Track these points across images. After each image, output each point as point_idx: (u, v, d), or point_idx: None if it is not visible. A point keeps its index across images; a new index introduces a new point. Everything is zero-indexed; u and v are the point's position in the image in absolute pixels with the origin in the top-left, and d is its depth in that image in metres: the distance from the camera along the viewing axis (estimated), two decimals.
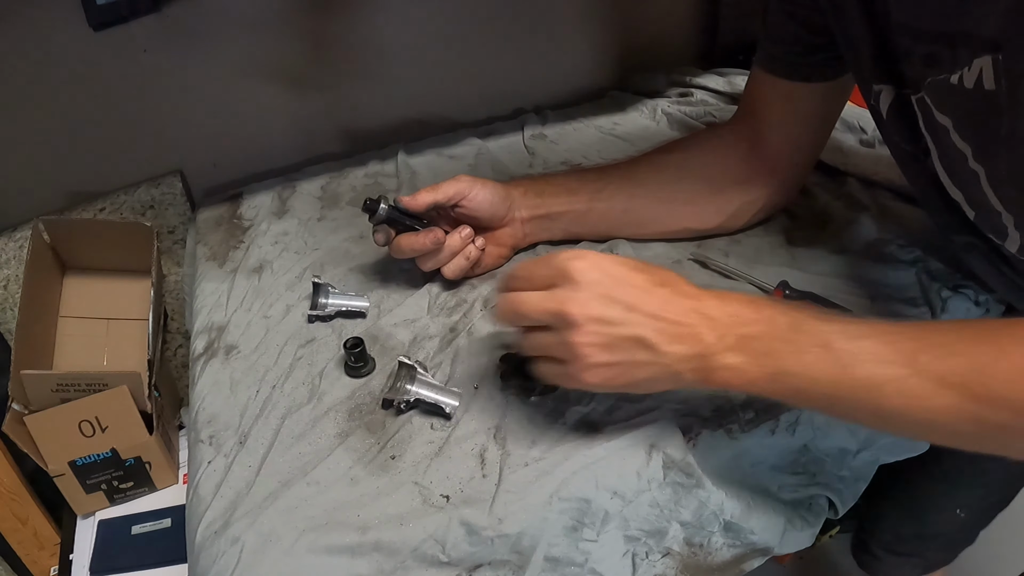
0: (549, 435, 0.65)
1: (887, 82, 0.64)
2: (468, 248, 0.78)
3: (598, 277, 0.54)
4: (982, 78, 0.51)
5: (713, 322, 0.53)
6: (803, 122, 0.79)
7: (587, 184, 0.82)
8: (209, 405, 0.72)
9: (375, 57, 1.06)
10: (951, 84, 0.55)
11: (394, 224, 0.76)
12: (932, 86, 0.57)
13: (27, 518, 1.05)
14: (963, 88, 0.53)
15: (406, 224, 0.76)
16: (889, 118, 0.66)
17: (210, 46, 0.95)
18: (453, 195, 0.75)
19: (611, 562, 0.65)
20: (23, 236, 0.97)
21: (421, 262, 0.79)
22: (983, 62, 0.51)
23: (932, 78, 0.56)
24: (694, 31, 1.27)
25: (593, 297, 0.53)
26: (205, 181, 1.06)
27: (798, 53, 0.74)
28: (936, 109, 0.58)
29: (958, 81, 0.54)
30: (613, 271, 0.55)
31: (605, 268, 0.55)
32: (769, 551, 0.71)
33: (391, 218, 0.75)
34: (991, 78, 0.51)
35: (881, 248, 0.84)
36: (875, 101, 0.67)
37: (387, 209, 0.74)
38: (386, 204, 0.74)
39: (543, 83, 1.20)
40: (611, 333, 0.53)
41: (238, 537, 0.59)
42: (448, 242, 0.77)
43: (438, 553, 0.59)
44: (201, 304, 0.85)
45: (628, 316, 0.53)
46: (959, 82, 0.54)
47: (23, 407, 0.87)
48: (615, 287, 0.54)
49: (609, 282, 0.54)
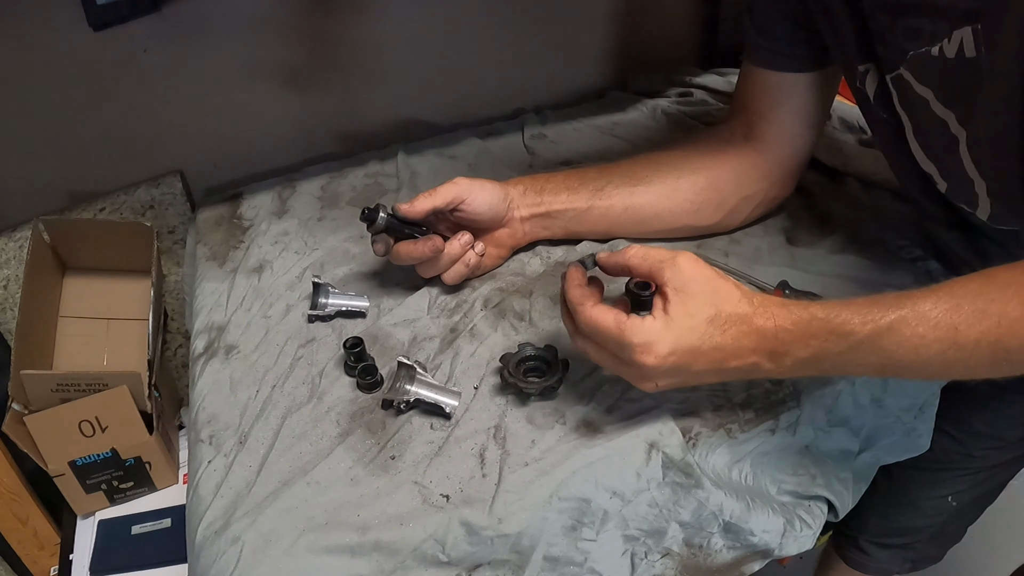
0: (549, 435, 0.65)
1: (871, 61, 0.68)
2: (468, 255, 0.78)
3: (665, 361, 0.56)
4: (963, 47, 0.55)
5: (771, 356, 0.56)
6: (794, 113, 0.80)
7: (587, 183, 0.82)
8: (209, 405, 0.72)
9: (375, 57, 1.06)
10: (932, 56, 0.58)
11: (393, 232, 0.75)
12: (914, 60, 0.61)
13: (27, 518, 1.05)
14: (944, 58, 0.57)
15: (405, 232, 0.75)
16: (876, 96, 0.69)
17: (210, 46, 0.95)
18: (451, 200, 0.75)
19: (610, 562, 0.65)
20: (23, 236, 0.97)
21: (421, 269, 0.79)
22: (963, 32, 0.55)
23: (914, 52, 0.60)
24: (694, 31, 1.27)
25: (661, 376, 0.57)
26: (205, 181, 1.06)
27: (784, 44, 0.76)
28: (917, 82, 0.62)
29: (939, 52, 0.57)
30: (681, 347, 0.55)
31: (672, 347, 0.55)
32: (769, 553, 0.71)
33: (390, 227, 0.74)
34: (971, 46, 0.55)
35: (881, 248, 0.84)
36: (860, 83, 0.70)
37: (385, 218, 0.73)
38: (384, 213, 0.73)
39: (543, 83, 1.20)
40: (677, 383, 0.59)
41: (238, 537, 0.59)
42: (447, 249, 0.76)
43: (438, 553, 0.59)
44: (201, 304, 0.85)
45: (693, 379, 0.58)
46: (940, 53, 0.57)
47: (23, 407, 0.87)
48: (682, 364, 0.56)
49: (677, 362, 0.56)
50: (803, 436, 0.70)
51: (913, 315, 0.53)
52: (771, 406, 0.68)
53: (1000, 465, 0.89)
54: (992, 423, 0.85)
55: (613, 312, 0.57)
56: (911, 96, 0.63)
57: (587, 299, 0.58)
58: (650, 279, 0.58)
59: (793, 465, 0.72)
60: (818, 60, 0.76)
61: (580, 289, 0.60)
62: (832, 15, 0.68)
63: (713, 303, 0.55)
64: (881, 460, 0.76)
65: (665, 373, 0.56)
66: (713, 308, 0.55)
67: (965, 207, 0.67)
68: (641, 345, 0.55)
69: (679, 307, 0.55)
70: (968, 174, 0.63)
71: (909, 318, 0.53)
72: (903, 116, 0.67)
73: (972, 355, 0.54)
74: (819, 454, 0.72)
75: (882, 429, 0.74)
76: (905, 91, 0.64)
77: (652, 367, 0.55)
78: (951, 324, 0.53)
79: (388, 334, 0.77)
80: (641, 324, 0.55)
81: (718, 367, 0.57)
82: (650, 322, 0.55)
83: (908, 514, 0.95)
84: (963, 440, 0.84)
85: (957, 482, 0.90)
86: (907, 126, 0.67)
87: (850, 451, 0.73)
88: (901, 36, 0.61)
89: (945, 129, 0.62)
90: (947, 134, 0.62)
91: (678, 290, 0.56)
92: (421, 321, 0.78)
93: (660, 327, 0.55)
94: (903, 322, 0.53)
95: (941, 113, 0.61)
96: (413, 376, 0.68)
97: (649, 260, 0.57)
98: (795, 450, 0.71)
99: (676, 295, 0.56)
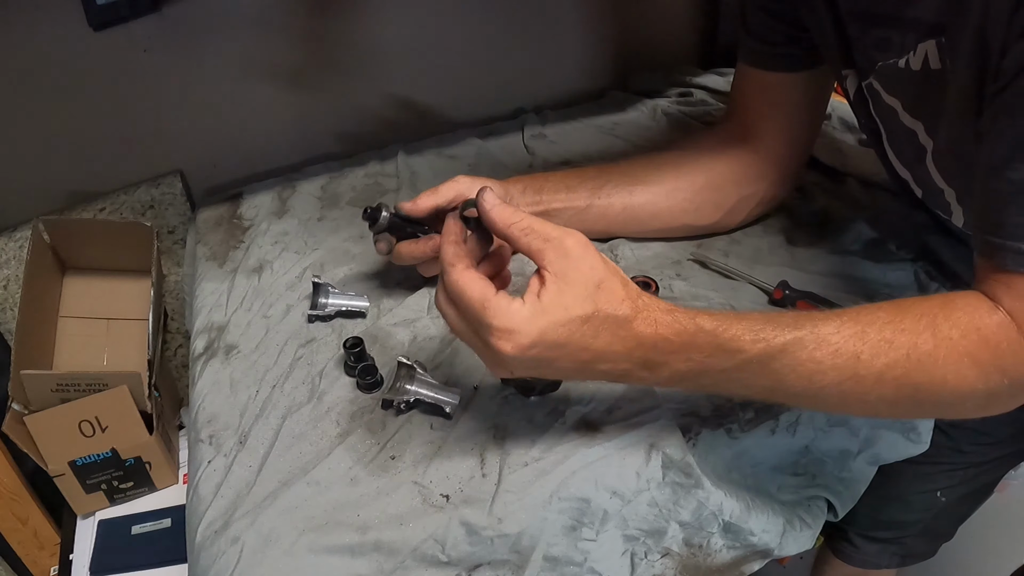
0: (549, 435, 0.65)
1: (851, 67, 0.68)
2: None
3: (525, 353, 0.50)
4: (928, 60, 0.56)
5: (645, 365, 0.52)
6: (790, 113, 0.81)
7: (586, 182, 0.82)
8: (209, 405, 0.72)
9: (375, 57, 1.06)
10: (899, 68, 0.59)
11: (395, 231, 0.75)
12: (882, 70, 0.61)
13: (27, 518, 1.05)
14: (910, 71, 0.58)
15: (407, 231, 0.75)
16: (855, 101, 0.70)
17: (210, 46, 0.95)
18: (453, 198, 0.74)
19: (610, 562, 0.65)
20: (23, 236, 0.97)
21: (422, 268, 0.79)
22: (927, 46, 0.56)
23: (882, 62, 0.61)
24: (694, 31, 1.27)
25: (517, 366, 0.51)
26: (205, 181, 1.06)
27: (776, 45, 0.77)
28: (885, 91, 0.62)
29: (905, 64, 0.58)
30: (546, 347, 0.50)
31: (536, 339, 0.49)
32: (769, 553, 0.71)
33: (392, 225, 0.74)
34: (936, 58, 0.55)
35: (880, 248, 0.84)
36: (847, 86, 0.71)
37: (388, 217, 0.73)
38: (387, 212, 0.73)
39: (543, 83, 1.20)
40: (534, 375, 0.53)
41: (238, 537, 0.59)
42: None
43: (438, 553, 0.59)
44: (201, 304, 0.85)
45: (553, 374, 0.53)
46: (906, 65, 0.58)
47: (23, 407, 0.87)
48: (544, 358, 0.51)
49: (539, 355, 0.50)
50: (803, 436, 0.70)
51: (812, 337, 0.51)
52: (771, 406, 0.68)
53: (990, 462, 0.89)
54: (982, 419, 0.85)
55: (482, 283, 0.51)
56: (882, 105, 0.64)
57: (459, 260, 0.52)
58: (529, 256, 0.51)
59: (793, 465, 0.72)
60: (810, 60, 0.77)
61: (455, 247, 0.53)
62: (817, 19, 0.69)
63: (593, 300, 0.49)
64: (880, 460, 0.76)
65: (522, 364, 0.51)
66: (592, 305, 0.49)
67: (941, 213, 0.67)
68: (502, 330, 0.49)
69: (555, 297, 0.49)
70: (937, 184, 0.63)
71: (807, 340, 0.51)
72: (878, 123, 0.68)
73: (873, 389, 0.51)
74: (819, 454, 0.72)
75: (881, 429, 0.74)
76: (877, 99, 0.64)
77: (509, 356, 0.49)
78: (853, 352, 0.50)
79: (388, 334, 0.77)
80: (508, 306, 0.49)
81: (583, 367, 0.52)
82: (518, 306, 0.49)
83: (897, 508, 0.94)
84: (953, 435, 0.84)
85: (946, 477, 0.90)
86: (882, 133, 0.68)
87: (849, 451, 0.73)
88: (871, 46, 0.61)
89: (914, 139, 0.62)
90: (916, 144, 0.62)
91: (557, 276, 0.49)
92: (421, 321, 0.78)
93: (527, 315, 0.49)
94: (799, 344, 0.51)
95: (909, 123, 0.62)
96: (413, 376, 0.68)
97: (531, 236, 0.51)
98: (795, 450, 0.71)
99: (555, 282, 0.49)
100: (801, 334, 0.51)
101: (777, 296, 0.77)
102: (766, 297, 0.79)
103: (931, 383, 0.51)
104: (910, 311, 0.52)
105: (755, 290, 0.80)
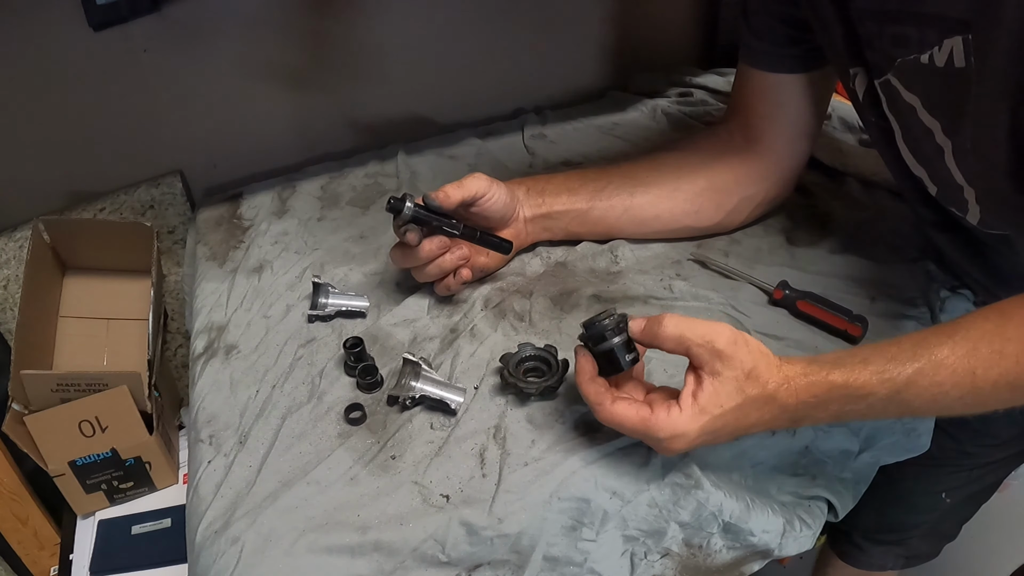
0: (549, 435, 0.65)
1: (860, 65, 0.68)
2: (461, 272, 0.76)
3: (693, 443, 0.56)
4: (953, 57, 0.55)
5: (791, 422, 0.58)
6: (791, 114, 0.81)
7: (588, 183, 0.82)
8: (209, 405, 0.72)
9: (375, 57, 1.06)
10: (921, 63, 0.58)
11: (420, 223, 0.73)
12: (901, 67, 0.61)
13: (27, 518, 1.05)
14: (933, 67, 0.57)
15: (433, 224, 0.73)
16: (864, 99, 0.70)
17: (210, 46, 0.95)
18: (475, 192, 0.73)
19: (610, 562, 0.65)
20: (23, 236, 0.97)
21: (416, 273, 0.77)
22: (953, 42, 0.55)
23: (901, 59, 0.60)
24: (694, 31, 1.27)
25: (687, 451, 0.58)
26: (205, 181, 1.06)
27: (778, 46, 0.77)
28: (904, 88, 0.62)
29: (928, 60, 0.57)
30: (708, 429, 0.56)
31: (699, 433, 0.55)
32: (769, 553, 0.71)
33: (416, 217, 0.72)
34: (961, 56, 0.54)
35: (881, 248, 0.84)
36: (853, 84, 0.70)
37: (412, 208, 0.71)
38: (410, 203, 0.71)
39: (543, 83, 1.20)
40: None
41: (238, 537, 0.59)
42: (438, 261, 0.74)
43: (438, 553, 0.59)
44: (201, 304, 0.85)
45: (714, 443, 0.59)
46: (929, 61, 0.57)
47: (23, 407, 0.87)
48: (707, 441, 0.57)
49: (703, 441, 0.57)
50: (803, 436, 0.70)
51: (930, 366, 0.54)
52: None
53: (994, 463, 0.89)
54: (987, 420, 0.85)
55: (635, 408, 0.56)
56: (899, 102, 0.63)
57: (604, 398, 0.57)
58: (686, 356, 0.56)
59: (793, 465, 0.72)
60: (812, 61, 0.77)
61: (594, 386, 0.58)
62: (823, 18, 0.68)
63: (742, 390, 0.55)
64: (881, 460, 0.76)
65: (690, 449, 0.57)
66: (741, 395, 0.55)
67: (956, 211, 0.67)
68: (670, 438, 0.55)
69: (711, 397, 0.55)
70: (956, 181, 0.63)
71: (927, 369, 0.54)
72: (892, 121, 0.67)
73: (991, 396, 0.54)
74: (819, 454, 0.72)
75: (882, 429, 0.74)
76: (894, 97, 0.64)
77: (681, 450, 0.57)
78: (969, 369, 0.53)
79: (388, 334, 0.77)
80: (667, 418, 0.55)
81: (739, 433, 0.58)
82: (676, 415, 0.55)
83: (902, 510, 0.94)
84: (958, 436, 0.84)
85: (951, 479, 0.90)
86: (896, 131, 0.67)
87: (850, 451, 0.73)
88: (888, 43, 0.61)
89: (931, 137, 0.62)
90: (934, 142, 0.62)
91: (712, 376, 0.55)
92: (421, 321, 0.78)
93: (688, 419, 0.55)
94: (920, 374, 0.54)
95: (927, 121, 0.62)
96: (419, 372, 0.68)
97: (686, 343, 0.55)
98: (795, 450, 0.71)
99: (711, 383, 0.55)
100: (921, 364, 0.54)
101: (777, 296, 0.77)
102: (766, 297, 0.79)
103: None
104: (1013, 318, 0.54)
105: (755, 290, 0.80)
